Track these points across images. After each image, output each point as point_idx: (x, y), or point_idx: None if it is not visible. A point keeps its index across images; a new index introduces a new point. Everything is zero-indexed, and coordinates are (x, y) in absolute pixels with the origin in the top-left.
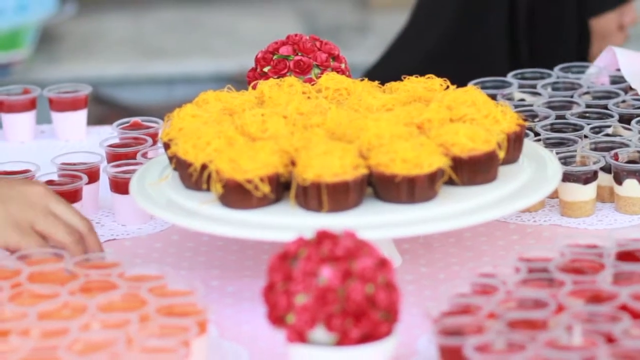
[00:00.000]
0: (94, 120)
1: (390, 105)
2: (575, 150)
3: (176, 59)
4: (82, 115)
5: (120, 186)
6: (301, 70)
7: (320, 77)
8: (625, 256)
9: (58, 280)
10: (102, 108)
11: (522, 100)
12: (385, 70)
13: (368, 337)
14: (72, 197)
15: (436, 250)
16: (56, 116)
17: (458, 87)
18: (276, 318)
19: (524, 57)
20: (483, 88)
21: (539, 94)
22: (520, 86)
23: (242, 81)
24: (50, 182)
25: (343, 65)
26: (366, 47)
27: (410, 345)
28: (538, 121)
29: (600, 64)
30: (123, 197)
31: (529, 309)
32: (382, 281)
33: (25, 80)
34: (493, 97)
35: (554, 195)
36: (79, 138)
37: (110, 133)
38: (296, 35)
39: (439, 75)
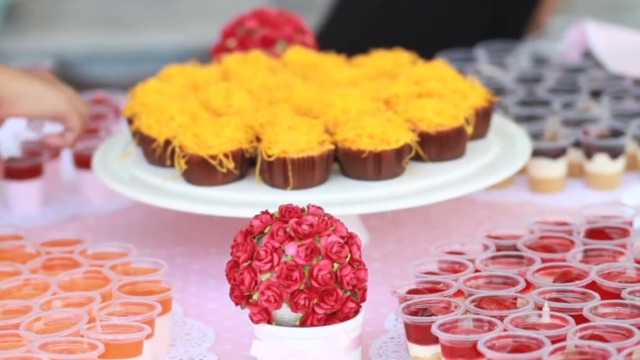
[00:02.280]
0: None
1: (357, 80)
2: (545, 126)
3: (142, 32)
4: None
5: (83, 162)
6: (266, 44)
7: (285, 51)
8: (595, 233)
9: (19, 257)
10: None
11: (491, 74)
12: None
13: (334, 316)
14: (33, 173)
15: (404, 227)
16: None
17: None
18: (241, 296)
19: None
20: (451, 62)
21: (507, 67)
22: (489, 60)
23: (209, 55)
24: (11, 159)
25: (310, 39)
26: None
27: (377, 323)
28: (507, 96)
29: (570, 38)
30: (86, 173)
31: (497, 287)
32: (348, 258)
33: None
34: (461, 71)
35: (524, 171)
36: None
37: None
38: (262, 8)
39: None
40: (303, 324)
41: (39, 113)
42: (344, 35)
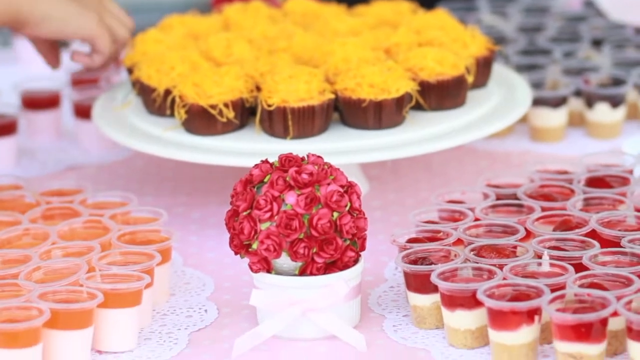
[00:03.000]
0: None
1: (358, 30)
2: (546, 75)
3: None
4: None
5: (83, 112)
6: None
7: (286, 1)
8: (595, 182)
9: (19, 207)
10: None
11: (492, 23)
12: None
13: (334, 265)
14: (8, 131)
15: (404, 176)
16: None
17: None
18: (240, 245)
19: None
20: (452, 11)
21: (509, 16)
22: (491, 9)
23: (210, 5)
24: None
25: None
26: None
27: (377, 272)
28: (508, 45)
29: None
30: (86, 123)
31: (496, 235)
32: (348, 207)
33: None
34: (463, 20)
35: (524, 120)
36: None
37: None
38: None
39: None
40: (302, 273)
41: (64, 35)
42: None
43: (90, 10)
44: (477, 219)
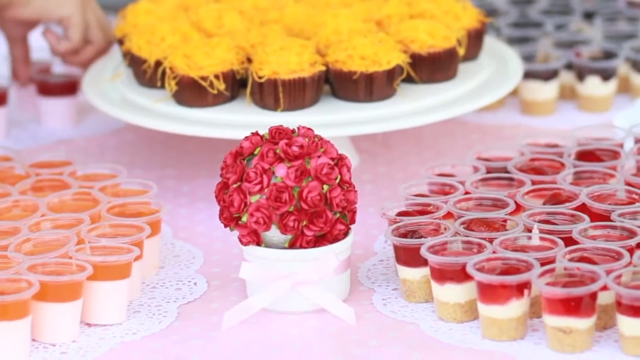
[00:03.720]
0: None
1: (349, 1)
2: (537, 48)
3: None
4: None
5: (47, 89)
6: None
7: None
8: (586, 155)
9: (9, 179)
10: None
11: None
12: None
13: (323, 238)
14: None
15: (395, 149)
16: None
17: None
18: (230, 218)
19: None
20: None
21: None
22: None
23: None
24: None
25: None
26: None
27: (367, 245)
28: (499, 17)
29: None
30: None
31: (487, 209)
32: (338, 180)
33: None
34: None
35: (515, 93)
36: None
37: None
38: None
39: None
40: (292, 245)
41: (45, 15)
42: None
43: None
44: (467, 192)
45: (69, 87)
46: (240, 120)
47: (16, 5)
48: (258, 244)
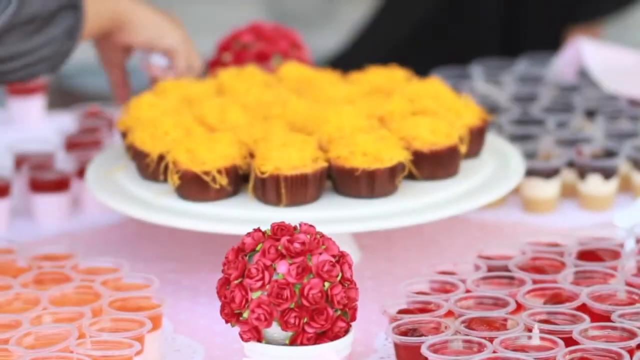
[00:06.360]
0: (56, 106)
1: (352, 97)
2: (539, 145)
3: None
4: (38, 101)
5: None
6: (262, 59)
7: (281, 66)
8: (586, 255)
9: (10, 271)
10: (60, 95)
11: (486, 92)
12: (352, 60)
13: (324, 335)
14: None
15: (396, 246)
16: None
17: (425, 75)
18: (231, 314)
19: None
20: (446, 79)
21: (502, 85)
22: (485, 77)
23: (205, 69)
24: None
25: (305, 54)
26: (333, 33)
27: (367, 343)
28: (501, 115)
29: (565, 56)
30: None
31: (487, 307)
32: (339, 277)
33: None
34: (456, 88)
35: (517, 191)
36: (36, 124)
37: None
38: (258, 23)
39: (407, 64)
40: (293, 342)
41: (155, 43)
42: (375, 53)
43: (179, 27)
44: (468, 291)
45: (60, 184)
46: (242, 216)
47: (127, 32)
48: (259, 340)
